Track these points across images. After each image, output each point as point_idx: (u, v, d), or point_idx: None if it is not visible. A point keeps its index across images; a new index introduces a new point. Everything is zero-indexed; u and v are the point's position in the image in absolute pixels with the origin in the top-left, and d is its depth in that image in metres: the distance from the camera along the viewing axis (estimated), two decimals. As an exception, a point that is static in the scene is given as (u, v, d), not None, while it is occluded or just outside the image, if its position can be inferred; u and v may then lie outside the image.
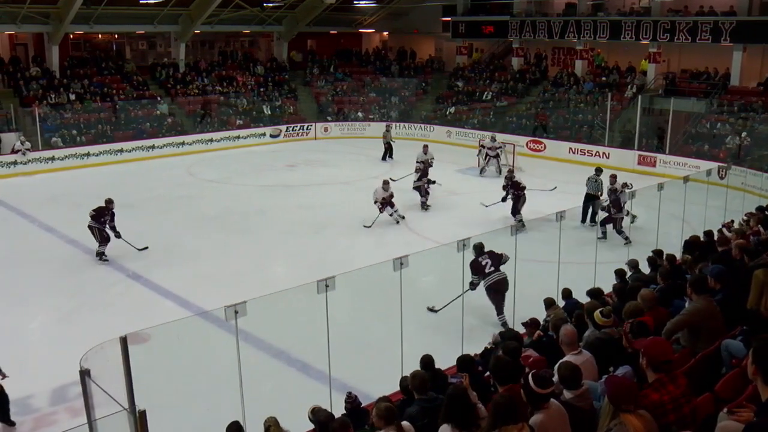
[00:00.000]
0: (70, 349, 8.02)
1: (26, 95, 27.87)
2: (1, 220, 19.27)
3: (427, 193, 19.95)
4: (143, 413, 4.99)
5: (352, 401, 6.96)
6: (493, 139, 24.95)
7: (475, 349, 8.47)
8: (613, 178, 16.74)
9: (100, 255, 15.42)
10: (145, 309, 12.67)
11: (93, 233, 15.46)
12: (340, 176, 24.22)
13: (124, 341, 5.10)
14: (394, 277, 8.18)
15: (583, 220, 17.50)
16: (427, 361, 7.08)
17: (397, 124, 32.25)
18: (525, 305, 10.13)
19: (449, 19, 36.00)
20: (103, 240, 15.41)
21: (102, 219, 15.44)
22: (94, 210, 15.51)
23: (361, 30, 39.76)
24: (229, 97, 32.74)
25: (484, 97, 32.87)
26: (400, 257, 8.11)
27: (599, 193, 17.22)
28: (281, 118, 32.74)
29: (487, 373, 6.84)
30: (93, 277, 14.61)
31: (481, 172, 24.32)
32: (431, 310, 11.80)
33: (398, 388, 7.13)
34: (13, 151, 25.09)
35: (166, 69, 33.02)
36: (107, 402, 5.15)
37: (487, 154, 24.39)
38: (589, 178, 17.57)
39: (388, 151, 27.56)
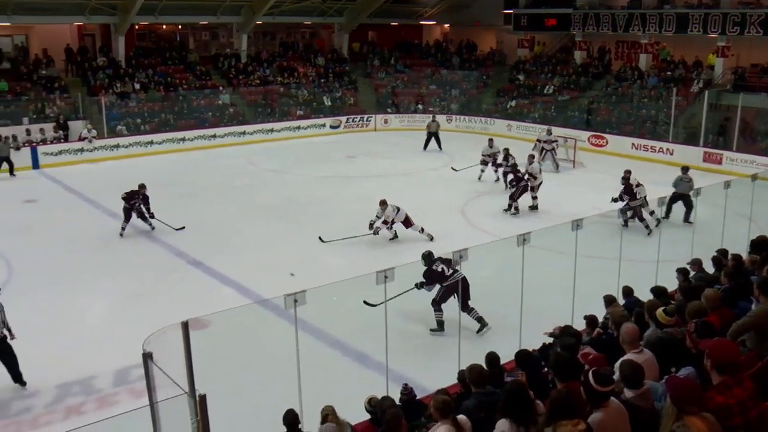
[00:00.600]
0: (132, 332, 8.19)
1: (93, 84, 28.55)
2: (68, 205, 19.78)
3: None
4: (203, 397, 5.05)
5: (407, 393, 6.96)
6: (549, 133, 24.59)
7: (532, 344, 8.38)
8: (628, 173, 17.31)
9: (121, 231, 16.77)
10: (205, 295, 12.87)
11: (124, 213, 16.64)
12: (399, 168, 24.20)
13: (185, 326, 5.15)
14: (453, 269, 8.14)
15: (667, 216, 17.09)
16: (492, 359, 7.03)
17: (458, 117, 32.18)
18: (584, 302, 9.96)
19: (511, 11, 35.62)
20: (127, 219, 16.75)
21: (132, 201, 16.68)
22: (125, 193, 16.60)
23: (422, 22, 39.64)
24: (289, 87, 32.99)
25: (545, 91, 32.49)
26: (459, 250, 8.06)
27: (690, 192, 16.48)
28: (341, 110, 32.89)
29: (546, 369, 6.77)
30: (155, 262, 14.89)
31: None
32: (368, 304, 10.88)
33: (454, 381, 7.10)
34: (80, 139, 25.75)
35: (228, 59, 33.43)
36: (168, 385, 5.23)
37: (543, 149, 24.02)
38: (681, 179, 17.30)
39: (436, 142, 27.48)
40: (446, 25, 41.29)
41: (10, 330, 9.82)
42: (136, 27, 32.54)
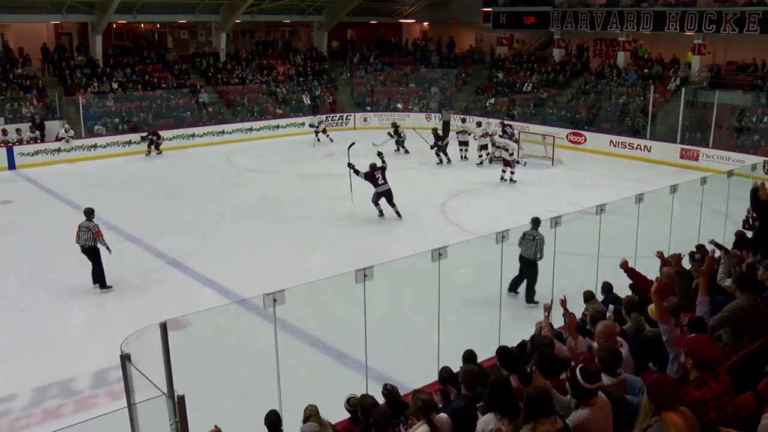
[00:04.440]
0: (110, 333, 8.16)
1: (71, 84, 28.31)
2: (45, 206, 19.60)
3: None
4: (182, 398, 5.02)
5: (389, 392, 6.94)
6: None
7: (511, 341, 8.41)
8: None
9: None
10: (184, 296, 12.81)
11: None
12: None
13: (163, 327, 5.12)
14: (433, 268, 8.14)
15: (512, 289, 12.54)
16: (469, 356, 7.05)
17: (436, 114, 32.17)
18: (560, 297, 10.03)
19: (490, 9, 35.67)
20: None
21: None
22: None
23: (400, 20, 39.66)
24: (269, 86, 32.90)
25: (524, 89, 32.61)
26: (438, 248, 8.07)
27: (538, 257, 12.14)
28: (321, 108, 32.82)
29: (525, 365, 6.80)
30: (133, 263, 14.78)
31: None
32: None
33: (433, 379, 7.10)
34: (57, 139, 25.51)
35: (207, 58, 33.30)
36: (147, 386, 5.20)
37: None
38: (524, 235, 12.25)
39: (445, 129, 28.88)
40: (425, 24, 41.32)
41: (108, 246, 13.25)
42: (114, 26, 32.31)
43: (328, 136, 28.82)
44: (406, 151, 26.47)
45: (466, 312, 11.38)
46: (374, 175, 17.59)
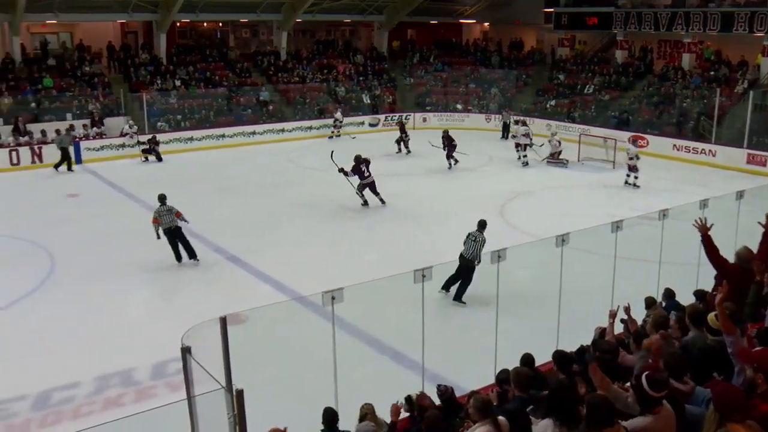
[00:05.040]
0: (170, 326, 8.27)
1: (135, 81, 28.93)
2: (109, 200, 20.06)
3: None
4: (241, 392, 5.06)
5: (443, 393, 6.88)
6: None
7: (569, 346, 8.28)
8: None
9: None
10: (243, 291, 12.97)
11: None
12: (435, 167, 24.10)
13: (223, 321, 5.18)
14: (491, 269, 8.08)
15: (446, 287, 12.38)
16: (527, 360, 6.97)
17: (496, 116, 31.95)
18: (623, 304, 9.84)
19: (552, 9, 35.24)
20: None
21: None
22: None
23: (461, 20, 39.49)
24: (329, 85, 33.09)
25: (585, 91, 32.14)
26: (497, 250, 8.00)
27: (476, 259, 12.12)
28: (380, 108, 32.90)
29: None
30: (193, 258, 15.03)
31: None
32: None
33: (490, 381, 7.03)
34: (122, 135, 26.07)
35: (268, 57, 33.65)
36: (206, 379, 5.25)
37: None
38: (468, 235, 12.46)
39: (505, 131, 29.88)
40: (486, 24, 41.04)
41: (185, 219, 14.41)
42: (178, 24, 32.92)
43: (338, 134, 29.88)
44: (409, 151, 27.04)
45: (524, 315, 11.25)
46: (360, 168, 18.86)
